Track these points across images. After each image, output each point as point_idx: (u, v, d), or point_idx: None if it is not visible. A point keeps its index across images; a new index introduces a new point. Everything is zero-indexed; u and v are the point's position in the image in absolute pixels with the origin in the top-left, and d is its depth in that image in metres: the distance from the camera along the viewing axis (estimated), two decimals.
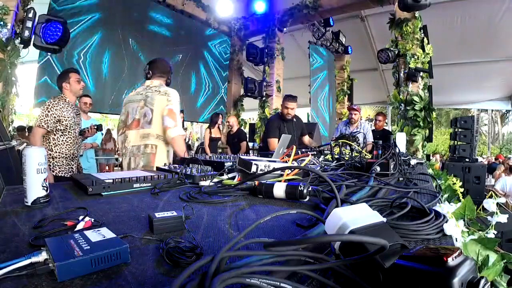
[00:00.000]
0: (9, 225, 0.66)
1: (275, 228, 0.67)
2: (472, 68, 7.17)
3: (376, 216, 0.47)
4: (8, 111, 3.22)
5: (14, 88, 3.26)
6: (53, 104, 2.41)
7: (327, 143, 2.22)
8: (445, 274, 0.31)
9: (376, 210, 0.50)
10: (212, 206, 0.87)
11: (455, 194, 1.72)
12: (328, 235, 0.45)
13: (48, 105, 2.41)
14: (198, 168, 1.30)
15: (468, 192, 3.83)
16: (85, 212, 0.72)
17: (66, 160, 2.55)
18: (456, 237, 0.60)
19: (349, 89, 7.61)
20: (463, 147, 4.56)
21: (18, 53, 3.22)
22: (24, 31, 3.11)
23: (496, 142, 21.65)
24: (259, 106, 6.14)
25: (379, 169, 1.26)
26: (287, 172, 1.14)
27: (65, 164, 2.53)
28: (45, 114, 2.37)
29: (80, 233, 0.53)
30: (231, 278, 0.32)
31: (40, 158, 0.84)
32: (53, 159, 2.48)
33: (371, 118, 13.04)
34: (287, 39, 6.48)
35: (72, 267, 0.42)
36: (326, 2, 5.32)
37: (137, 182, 1.07)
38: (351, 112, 4.49)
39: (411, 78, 4.16)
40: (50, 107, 2.40)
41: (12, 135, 3.35)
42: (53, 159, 2.48)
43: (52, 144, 2.47)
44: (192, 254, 0.49)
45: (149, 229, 0.64)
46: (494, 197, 0.80)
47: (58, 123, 2.45)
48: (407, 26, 4.21)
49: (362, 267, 0.40)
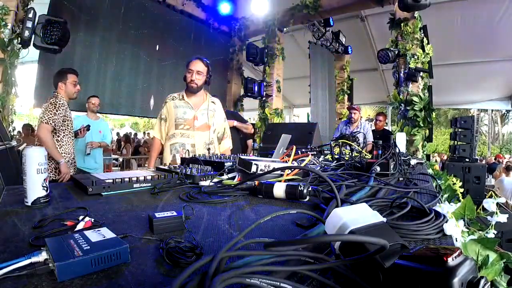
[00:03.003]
0: (9, 225, 0.66)
1: (275, 228, 0.67)
2: (472, 68, 7.16)
3: (376, 216, 0.47)
4: (8, 111, 3.22)
5: (14, 88, 3.26)
6: (60, 104, 2.39)
7: (327, 143, 2.22)
8: (445, 274, 0.31)
9: (376, 210, 0.50)
10: (212, 206, 0.87)
11: (455, 194, 1.72)
12: (328, 235, 0.45)
13: (55, 103, 2.37)
14: (198, 168, 1.30)
15: (468, 192, 3.82)
16: (85, 212, 0.72)
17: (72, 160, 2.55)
18: (456, 237, 0.60)
19: (349, 89, 7.60)
20: (463, 147, 4.56)
21: (17, 53, 3.22)
22: (24, 31, 3.11)
23: (496, 142, 21.66)
24: (259, 106, 6.13)
25: (379, 169, 1.26)
26: (287, 172, 1.14)
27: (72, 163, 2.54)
28: (53, 113, 2.34)
29: (80, 233, 0.53)
30: (231, 278, 0.32)
31: (40, 158, 0.84)
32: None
33: (371, 118, 13.05)
34: (287, 39, 6.48)
35: (72, 267, 0.42)
36: (326, 2, 5.32)
37: (137, 182, 1.07)
38: (350, 112, 4.51)
39: (411, 78, 4.16)
40: (58, 106, 2.37)
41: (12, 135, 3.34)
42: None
43: (57, 145, 2.45)
44: (192, 254, 0.49)
45: (149, 229, 0.64)
46: (494, 197, 0.80)
47: (63, 123, 2.45)
48: (407, 26, 4.21)
49: (362, 267, 0.40)
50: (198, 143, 2.20)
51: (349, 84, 7.61)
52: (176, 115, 2.20)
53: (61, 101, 2.43)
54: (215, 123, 2.31)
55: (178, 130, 2.19)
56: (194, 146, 2.19)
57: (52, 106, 2.37)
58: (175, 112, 2.20)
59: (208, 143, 2.24)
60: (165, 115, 2.24)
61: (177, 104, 2.22)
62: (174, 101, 2.23)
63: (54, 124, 2.36)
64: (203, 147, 2.21)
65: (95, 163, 3.54)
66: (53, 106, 2.37)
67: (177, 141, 2.18)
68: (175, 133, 2.19)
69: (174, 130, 2.19)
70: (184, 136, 2.19)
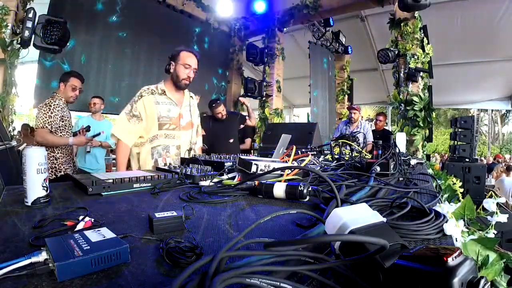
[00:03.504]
0: (9, 225, 0.66)
1: (275, 228, 0.67)
2: (472, 68, 7.16)
3: (376, 216, 0.47)
4: (8, 111, 3.22)
5: (14, 88, 3.26)
6: (55, 105, 2.41)
7: (327, 143, 2.22)
8: (445, 274, 0.31)
9: (376, 210, 0.50)
10: (212, 206, 0.87)
11: (455, 194, 1.72)
12: (328, 235, 0.45)
13: (50, 105, 2.39)
14: (198, 168, 1.30)
15: (468, 192, 3.82)
16: (85, 212, 0.72)
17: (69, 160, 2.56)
18: (456, 237, 0.60)
19: (349, 89, 7.61)
20: (463, 147, 4.56)
21: (17, 53, 3.22)
22: (24, 31, 3.11)
23: (496, 142, 21.67)
24: (259, 106, 6.14)
25: (379, 169, 1.26)
26: (287, 172, 1.14)
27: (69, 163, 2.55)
28: (48, 115, 2.36)
29: (80, 233, 0.53)
30: (231, 278, 0.32)
31: (40, 158, 0.84)
32: (56, 160, 2.47)
33: (371, 118, 13.06)
34: (287, 39, 6.48)
35: (72, 267, 0.42)
36: (326, 2, 5.32)
37: (137, 182, 1.07)
38: (350, 112, 4.52)
39: (411, 78, 4.16)
40: (53, 108, 2.39)
41: (12, 135, 3.34)
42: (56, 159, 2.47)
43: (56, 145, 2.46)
44: (192, 254, 0.49)
45: (149, 229, 0.64)
46: (494, 197, 0.80)
47: (61, 123, 2.45)
48: (407, 26, 4.21)
49: (362, 267, 0.40)
50: (184, 143, 1.98)
51: (349, 84, 7.61)
52: (160, 113, 1.88)
53: (57, 101, 2.43)
54: (196, 120, 2.10)
55: (162, 130, 1.89)
56: (179, 148, 1.96)
57: (47, 108, 2.38)
58: (157, 110, 1.87)
59: (193, 143, 2.06)
60: (140, 112, 1.85)
61: (158, 99, 1.89)
62: (153, 95, 1.88)
63: (51, 126, 2.37)
64: (187, 147, 2.00)
65: (97, 163, 3.53)
66: (47, 108, 2.38)
67: (160, 143, 1.89)
68: (157, 134, 1.88)
69: (157, 131, 1.88)
70: (169, 137, 1.91)
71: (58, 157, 2.48)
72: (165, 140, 1.91)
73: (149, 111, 1.86)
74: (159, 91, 1.92)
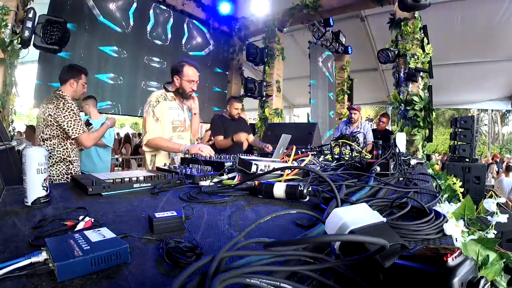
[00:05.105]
0: (9, 225, 0.66)
1: (275, 228, 0.67)
2: (472, 68, 7.16)
3: (376, 216, 0.47)
4: (8, 111, 3.22)
5: (14, 88, 3.26)
6: (74, 106, 2.23)
7: (327, 143, 2.22)
8: (445, 274, 0.31)
9: (376, 210, 0.50)
10: (212, 206, 0.87)
11: (455, 194, 1.72)
12: (328, 235, 0.45)
13: (73, 108, 2.22)
14: (198, 168, 1.30)
15: (468, 192, 3.82)
16: (85, 212, 0.72)
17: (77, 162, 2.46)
18: (456, 237, 0.60)
19: (349, 89, 7.61)
20: (463, 147, 4.56)
21: (17, 53, 3.22)
22: (24, 31, 3.11)
23: (496, 142, 21.67)
24: (259, 106, 6.13)
25: (379, 169, 1.26)
26: (287, 172, 1.14)
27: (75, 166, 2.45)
28: (78, 119, 2.22)
29: (80, 233, 0.53)
30: (231, 278, 0.32)
31: (40, 158, 0.84)
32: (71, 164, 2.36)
33: (371, 118, 13.07)
34: (287, 39, 6.48)
35: (72, 267, 0.42)
36: (326, 2, 5.31)
37: (137, 182, 1.07)
38: (350, 112, 4.52)
39: (411, 78, 4.16)
40: (76, 110, 2.23)
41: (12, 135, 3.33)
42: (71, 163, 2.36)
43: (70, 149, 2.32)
44: (192, 254, 0.49)
45: (149, 229, 0.64)
46: (494, 197, 0.80)
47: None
48: (407, 26, 4.21)
49: (362, 267, 0.40)
50: (188, 143, 2.21)
51: (349, 84, 7.61)
52: (173, 117, 2.13)
53: (72, 102, 2.26)
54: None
55: (176, 132, 2.14)
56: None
57: (75, 115, 2.21)
58: (171, 114, 2.12)
59: (192, 143, 2.25)
60: (158, 117, 2.05)
61: (170, 105, 2.12)
62: (166, 102, 2.11)
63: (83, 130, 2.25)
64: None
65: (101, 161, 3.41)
66: (74, 114, 2.21)
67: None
68: (172, 136, 2.12)
69: (172, 133, 2.12)
70: (180, 138, 2.17)
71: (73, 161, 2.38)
72: (178, 141, 2.14)
73: (165, 115, 2.09)
74: (169, 98, 2.14)
